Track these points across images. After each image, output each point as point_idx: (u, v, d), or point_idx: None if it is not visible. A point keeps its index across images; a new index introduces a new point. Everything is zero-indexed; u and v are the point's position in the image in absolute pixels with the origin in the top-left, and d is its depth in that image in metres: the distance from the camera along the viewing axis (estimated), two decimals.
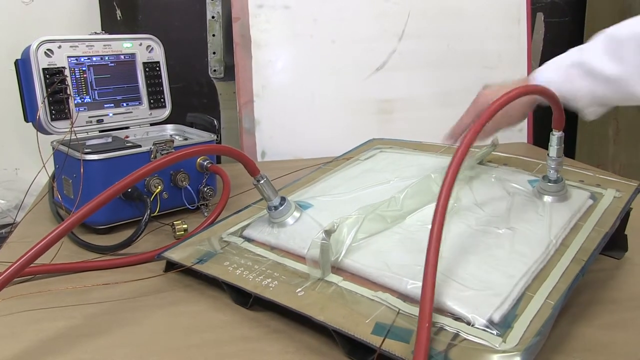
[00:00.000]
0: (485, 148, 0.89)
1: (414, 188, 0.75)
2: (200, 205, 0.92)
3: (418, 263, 0.61)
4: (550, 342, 0.53)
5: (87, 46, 0.91)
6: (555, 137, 0.74)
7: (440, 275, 0.59)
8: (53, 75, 0.87)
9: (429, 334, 0.48)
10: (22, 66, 0.86)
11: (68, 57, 0.89)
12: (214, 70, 1.40)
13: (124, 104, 0.97)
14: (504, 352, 0.49)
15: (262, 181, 0.73)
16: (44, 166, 0.84)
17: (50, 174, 0.93)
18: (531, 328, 0.51)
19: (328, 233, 0.61)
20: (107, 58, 0.94)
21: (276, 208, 0.74)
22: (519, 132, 1.45)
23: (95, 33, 0.95)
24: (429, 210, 0.74)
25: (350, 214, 0.67)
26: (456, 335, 0.51)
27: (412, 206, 0.74)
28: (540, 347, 0.49)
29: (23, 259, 0.55)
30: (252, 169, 0.72)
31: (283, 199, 0.74)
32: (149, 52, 0.99)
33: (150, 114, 1.00)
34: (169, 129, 1.04)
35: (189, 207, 0.91)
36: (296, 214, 0.74)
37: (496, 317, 0.53)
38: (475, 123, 0.60)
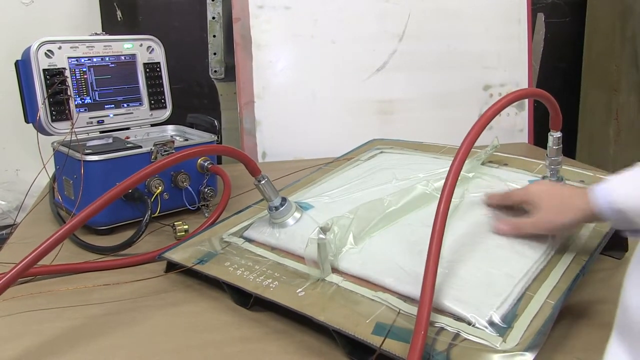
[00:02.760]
0: (487, 149, 0.89)
1: (410, 193, 0.75)
2: (201, 205, 0.92)
3: (418, 264, 0.61)
4: (550, 341, 0.53)
5: (87, 47, 0.92)
6: (553, 137, 0.74)
7: (440, 276, 0.59)
8: (53, 76, 0.87)
9: (424, 340, 0.48)
10: (23, 67, 0.86)
11: (68, 57, 0.89)
12: (215, 71, 1.40)
13: (125, 105, 0.97)
14: (504, 351, 0.49)
15: (263, 181, 0.73)
16: (44, 167, 0.84)
17: (50, 175, 0.93)
18: (531, 328, 0.52)
19: (324, 230, 0.62)
20: (107, 59, 0.94)
21: (277, 208, 0.74)
22: (520, 132, 1.45)
23: (96, 34, 0.95)
24: (429, 210, 0.74)
25: (343, 213, 0.67)
26: (457, 335, 0.51)
27: (408, 207, 0.74)
28: (541, 346, 0.49)
29: (26, 260, 0.55)
30: (253, 169, 0.72)
31: (284, 200, 0.74)
32: (150, 52, 0.99)
33: (151, 114, 1.00)
34: (170, 129, 1.04)
35: (190, 207, 0.91)
36: (297, 214, 0.74)
37: (496, 317, 0.53)
38: (477, 124, 0.60)
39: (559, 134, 0.73)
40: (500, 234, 0.66)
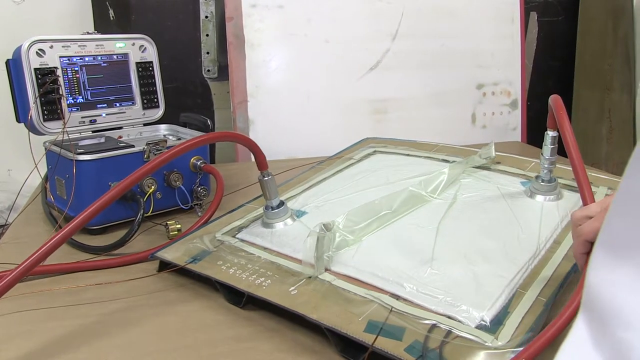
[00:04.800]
0: (482, 155, 0.89)
1: (402, 195, 0.75)
2: (194, 205, 0.92)
3: (410, 266, 0.62)
4: (542, 339, 0.53)
5: (79, 46, 0.91)
6: (550, 136, 0.74)
7: (432, 276, 0.59)
8: (45, 76, 0.86)
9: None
10: (14, 66, 0.86)
11: (60, 57, 0.89)
12: (208, 70, 1.40)
13: (117, 104, 0.97)
14: (495, 349, 0.49)
15: (267, 178, 0.73)
16: (36, 167, 0.84)
17: (43, 175, 0.93)
18: (523, 325, 0.52)
19: (326, 227, 0.62)
20: (99, 58, 0.94)
21: (273, 209, 0.74)
22: (513, 131, 1.45)
23: (88, 33, 0.94)
24: (422, 211, 0.75)
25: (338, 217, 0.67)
26: (449, 333, 0.51)
27: (400, 208, 0.74)
28: None
29: (25, 264, 0.55)
30: (262, 163, 0.72)
31: (282, 203, 0.75)
32: (142, 52, 0.99)
33: (144, 114, 1.00)
34: (163, 129, 1.04)
35: (183, 207, 0.91)
36: (289, 220, 0.75)
37: (488, 316, 0.53)
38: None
39: (555, 133, 0.73)
40: None
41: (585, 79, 1.59)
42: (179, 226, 0.82)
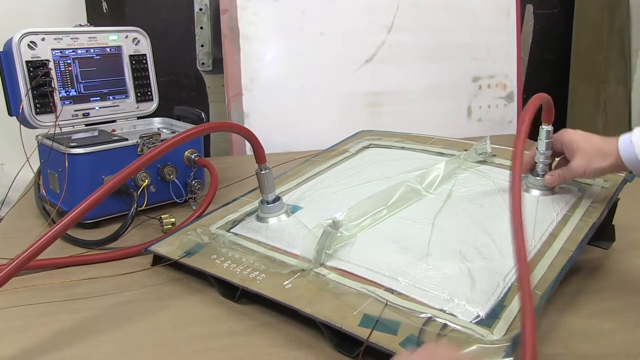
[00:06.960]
0: (477, 150, 0.88)
1: (398, 190, 0.75)
2: (188, 198, 0.92)
3: (405, 261, 0.61)
4: (538, 332, 0.53)
5: (71, 39, 0.90)
6: (544, 130, 0.73)
7: (427, 272, 0.59)
8: (37, 68, 0.85)
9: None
10: (5, 59, 0.85)
11: (52, 49, 0.88)
12: (202, 63, 1.39)
13: (111, 97, 0.96)
14: (491, 342, 0.49)
15: (264, 171, 0.73)
16: (28, 160, 0.83)
17: (36, 169, 0.92)
18: (519, 318, 0.51)
19: (335, 224, 0.61)
20: (92, 51, 0.93)
21: (268, 203, 0.74)
22: (509, 124, 1.45)
23: (80, 25, 0.93)
24: (417, 207, 0.74)
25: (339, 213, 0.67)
26: (445, 326, 0.51)
27: (396, 204, 0.74)
28: None
29: (20, 258, 0.54)
30: (260, 156, 0.72)
31: (277, 198, 0.74)
32: (135, 44, 0.98)
33: (137, 107, 0.99)
34: (157, 122, 1.03)
35: (177, 200, 0.90)
36: (283, 216, 0.74)
37: (484, 310, 0.53)
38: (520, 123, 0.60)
39: (550, 127, 0.73)
40: (551, 185, 0.72)
41: (581, 72, 1.58)
42: (173, 220, 0.82)
